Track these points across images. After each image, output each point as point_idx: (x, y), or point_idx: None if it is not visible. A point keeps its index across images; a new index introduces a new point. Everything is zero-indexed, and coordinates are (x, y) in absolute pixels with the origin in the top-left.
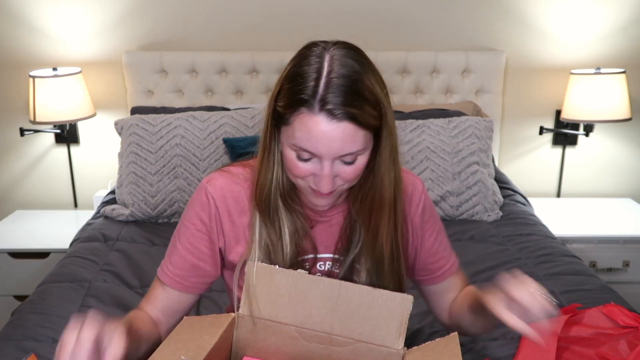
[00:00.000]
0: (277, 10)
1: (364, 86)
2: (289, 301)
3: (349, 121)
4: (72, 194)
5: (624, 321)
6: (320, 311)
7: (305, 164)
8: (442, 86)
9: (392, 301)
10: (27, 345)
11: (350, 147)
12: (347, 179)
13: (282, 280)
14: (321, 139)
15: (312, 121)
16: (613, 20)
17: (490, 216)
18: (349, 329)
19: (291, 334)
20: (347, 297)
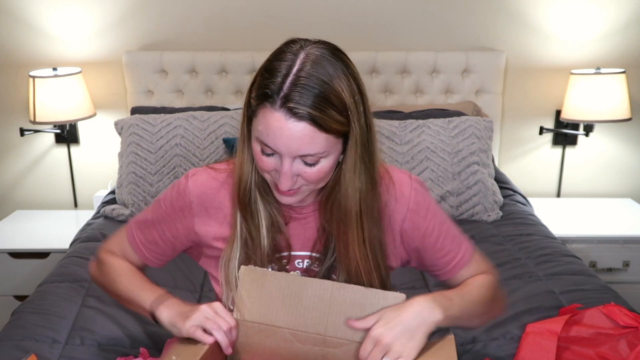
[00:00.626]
0: (277, 10)
1: (331, 90)
2: (281, 304)
3: (308, 122)
4: (72, 194)
5: (624, 321)
6: (314, 313)
7: (269, 159)
8: (442, 86)
9: (385, 300)
10: (27, 345)
11: (309, 149)
12: (309, 180)
13: (274, 283)
14: (279, 136)
15: (272, 117)
16: (613, 20)
17: (490, 216)
18: (343, 329)
19: (285, 337)
20: (340, 298)
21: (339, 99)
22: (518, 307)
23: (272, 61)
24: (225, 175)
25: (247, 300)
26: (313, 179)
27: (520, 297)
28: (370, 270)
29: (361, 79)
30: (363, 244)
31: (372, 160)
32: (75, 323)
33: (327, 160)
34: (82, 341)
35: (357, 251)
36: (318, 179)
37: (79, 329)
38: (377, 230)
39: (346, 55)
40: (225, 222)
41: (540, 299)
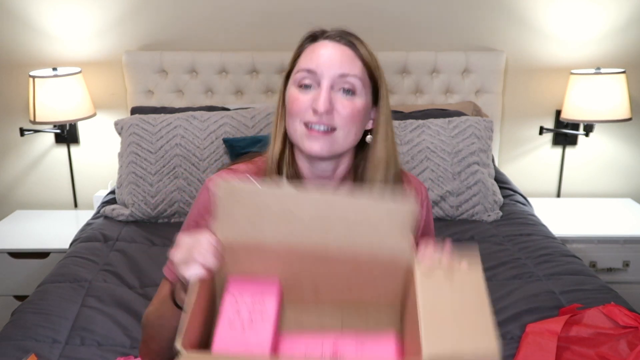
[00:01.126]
0: (277, 10)
1: (362, 41)
2: (275, 222)
3: (349, 46)
4: (72, 194)
5: (624, 321)
6: (313, 231)
7: (306, 95)
8: (442, 86)
9: (392, 209)
10: (27, 345)
11: (348, 68)
12: (344, 115)
13: (265, 200)
14: (322, 54)
15: (315, 45)
16: (613, 20)
17: (490, 216)
18: (347, 245)
19: (281, 254)
20: (342, 212)
21: (369, 47)
22: (518, 307)
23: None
24: (244, 173)
25: (230, 219)
26: (347, 113)
27: (520, 297)
28: None
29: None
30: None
31: (391, 125)
32: (75, 323)
33: (359, 99)
34: (82, 341)
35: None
36: (351, 113)
37: (79, 329)
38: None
39: None
40: None
41: (540, 299)
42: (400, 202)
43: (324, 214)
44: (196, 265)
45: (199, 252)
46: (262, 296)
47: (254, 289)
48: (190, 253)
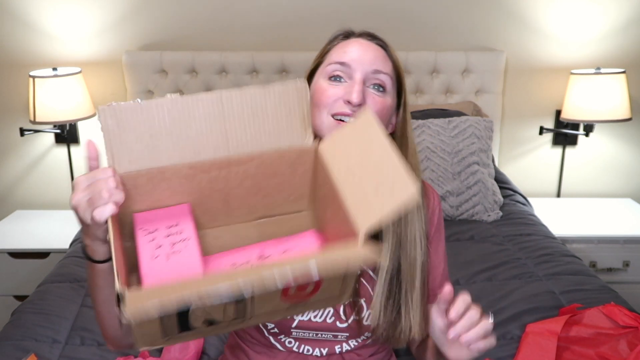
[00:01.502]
0: (277, 10)
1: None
2: (168, 137)
3: (381, 46)
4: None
5: (624, 321)
6: (210, 136)
7: (336, 86)
8: (442, 86)
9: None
10: (27, 345)
11: (382, 65)
12: (373, 108)
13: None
14: (356, 49)
15: (348, 41)
16: (613, 20)
17: (490, 216)
18: (249, 142)
19: (184, 172)
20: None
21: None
22: (518, 307)
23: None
24: None
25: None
26: (377, 109)
27: (520, 297)
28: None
29: None
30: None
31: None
32: (75, 323)
33: (389, 98)
34: (82, 341)
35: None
36: (380, 113)
37: (79, 329)
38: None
39: None
40: None
41: (540, 299)
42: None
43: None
44: (105, 204)
45: (104, 189)
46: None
47: (166, 219)
48: (94, 192)
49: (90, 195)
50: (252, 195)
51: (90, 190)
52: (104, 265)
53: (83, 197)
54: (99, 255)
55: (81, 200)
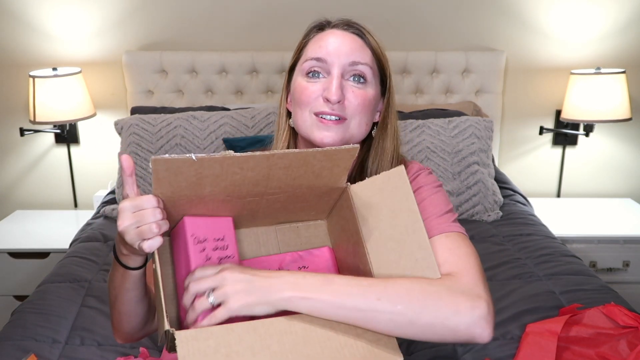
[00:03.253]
0: (277, 10)
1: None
2: (216, 181)
3: (358, 34)
4: (72, 194)
5: (624, 321)
6: (253, 181)
7: (315, 83)
8: (442, 86)
9: (336, 154)
10: (27, 345)
11: (359, 56)
12: (356, 104)
13: (203, 166)
14: (332, 42)
15: (323, 34)
16: (613, 20)
17: (490, 216)
18: (288, 184)
19: (221, 198)
20: (284, 162)
21: (376, 37)
22: (518, 307)
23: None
24: None
25: (169, 183)
26: (359, 102)
27: (520, 297)
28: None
29: None
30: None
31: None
32: (75, 323)
33: (370, 88)
34: (82, 341)
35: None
36: (362, 102)
37: (79, 329)
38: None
39: None
40: None
41: (540, 299)
42: (344, 149)
43: (265, 168)
44: (154, 237)
45: (153, 222)
46: (223, 238)
47: (214, 230)
48: (141, 222)
49: (138, 224)
50: (276, 214)
51: (137, 220)
52: (136, 272)
53: (131, 225)
54: (134, 263)
55: (129, 228)
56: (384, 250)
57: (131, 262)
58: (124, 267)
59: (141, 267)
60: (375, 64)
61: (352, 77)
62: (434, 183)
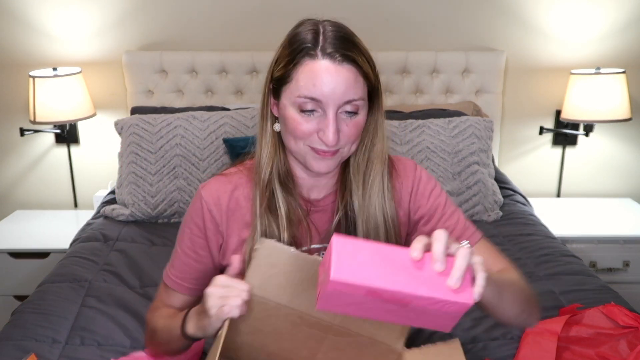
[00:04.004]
0: (277, 10)
1: (357, 40)
2: (298, 286)
3: (351, 64)
4: (72, 194)
5: (624, 321)
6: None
7: (309, 121)
8: (442, 86)
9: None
10: (27, 345)
11: (353, 93)
12: (349, 134)
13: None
14: (327, 82)
15: (317, 66)
16: (613, 20)
17: (490, 216)
18: (353, 321)
19: (292, 319)
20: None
21: (364, 48)
22: None
23: (294, 33)
24: (236, 176)
25: (261, 275)
26: (352, 133)
27: None
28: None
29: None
30: (383, 193)
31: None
32: (75, 323)
33: (362, 113)
34: (82, 341)
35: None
36: (356, 134)
37: (79, 329)
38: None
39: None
40: (244, 223)
41: (540, 299)
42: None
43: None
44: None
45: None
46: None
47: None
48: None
49: (225, 294)
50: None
51: (226, 290)
52: (191, 341)
53: (217, 291)
54: (195, 336)
55: (214, 293)
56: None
57: (193, 333)
58: (186, 337)
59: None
60: (367, 88)
61: (345, 113)
62: (437, 182)
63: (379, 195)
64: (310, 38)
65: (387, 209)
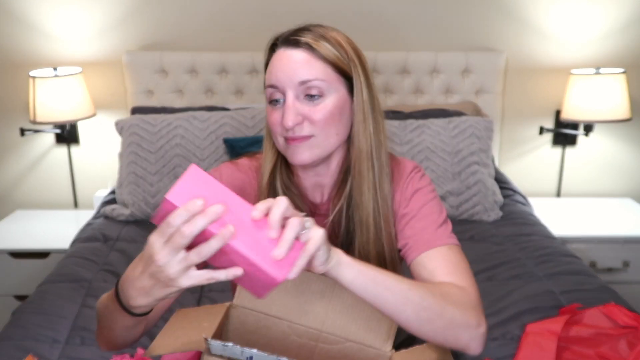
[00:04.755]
0: (277, 10)
1: (329, 33)
2: (285, 295)
3: (305, 48)
4: (72, 194)
5: (624, 321)
6: (314, 308)
7: (276, 110)
8: (442, 86)
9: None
10: (27, 345)
11: (307, 73)
12: (316, 119)
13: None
14: (280, 66)
15: (274, 56)
16: (613, 20)
17: (490, 216)
18: (340, 327)
19: (282, 329)
20: (341, 296)
21: (335, 40)
22: (518, 307)
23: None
24: (246, 168)
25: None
26: (320, 117)
27: (520, 297)
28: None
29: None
30: (374, 189)
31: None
32: (75, 323)
33: (330, 99)
34: (82, 341)
35: (368, 197)
36: (323, 118)
37: (79, 329)
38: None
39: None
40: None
41: (540, 299)
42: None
43: (326, 295)
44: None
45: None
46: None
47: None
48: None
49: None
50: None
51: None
52: (135, 318)
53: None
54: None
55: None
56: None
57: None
58: (131, 314)
59: (144, 314)
60: (332, 71)
61: (305, 96)
62: (429, 186)
63: (369, 198)
64: (275, 38)
65: (380, 212)
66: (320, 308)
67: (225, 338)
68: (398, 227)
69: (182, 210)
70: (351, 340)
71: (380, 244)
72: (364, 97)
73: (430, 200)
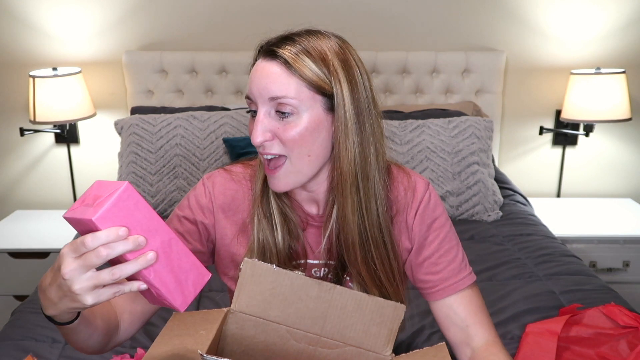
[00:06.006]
0: (277, 10)
1: (314, 45)
2: (283, 301)
3: (280, 61)
4: (72, 194)
5: (624, 321)
6: (313, 313)
7: (252, 122)
8: (442, 86)
9: (384, 308)
10: (27, 345)
11: (278, 89)
12: (286, 139)
13: (279, 279)
14: (255, 78)
15: (255, 65)
16: (613, 20)
17: (490, 216)
18: (339, 332)
19: (281, 334)
20: (341, 301)
21: (319, 53)
22: (518, 307)
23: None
24: (240, 177)
25: (247, 293)
26: (289, 137)
27: (520, 297)
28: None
29: (360, 59)
30: (359, 211)
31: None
32: None
33: (303, 117)
34: None
35: (353, 219)
36: (294, 137)
37: None
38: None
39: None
40: (241, 226)
41: (540, 299)
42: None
43: (325, 300)
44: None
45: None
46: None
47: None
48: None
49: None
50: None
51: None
52: (73, 324)
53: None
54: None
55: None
56: None
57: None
58: (55, 322)
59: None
60: (307, 89)
61: (277, 112)
62: (444, 212)
63: (354, 221)
64: (272, 39)
65: (368, 234)
66: (319, 312)
67: (223, 344)
68: (414, 258)
69: (102, 235)
70: (350, 344)
71: (370, 267)
72: (348, 113)
73: (448, 232)
